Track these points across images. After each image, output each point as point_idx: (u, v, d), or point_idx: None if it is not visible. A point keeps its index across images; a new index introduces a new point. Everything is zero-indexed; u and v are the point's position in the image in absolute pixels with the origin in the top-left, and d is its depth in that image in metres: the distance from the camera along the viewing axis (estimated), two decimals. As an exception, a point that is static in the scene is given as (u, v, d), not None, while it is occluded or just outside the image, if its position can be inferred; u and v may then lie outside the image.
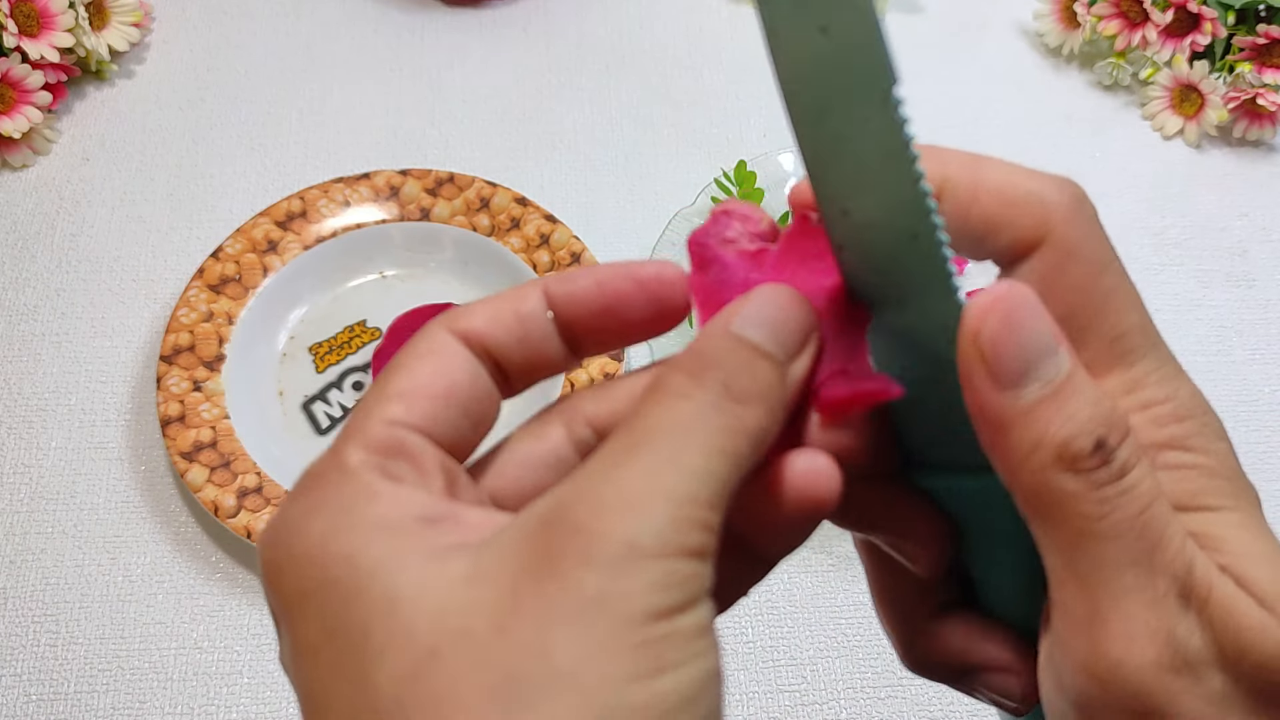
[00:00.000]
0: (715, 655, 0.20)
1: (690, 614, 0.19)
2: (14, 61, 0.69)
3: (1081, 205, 0.24)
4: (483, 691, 0.18)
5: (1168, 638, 0.21)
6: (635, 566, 0.19)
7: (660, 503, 0.19)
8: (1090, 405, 0.21)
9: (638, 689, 0.18)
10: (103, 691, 0.53)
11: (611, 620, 0.19)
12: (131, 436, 0.61)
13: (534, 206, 0.66)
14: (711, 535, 0.20)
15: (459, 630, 0.19)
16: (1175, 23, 0.75)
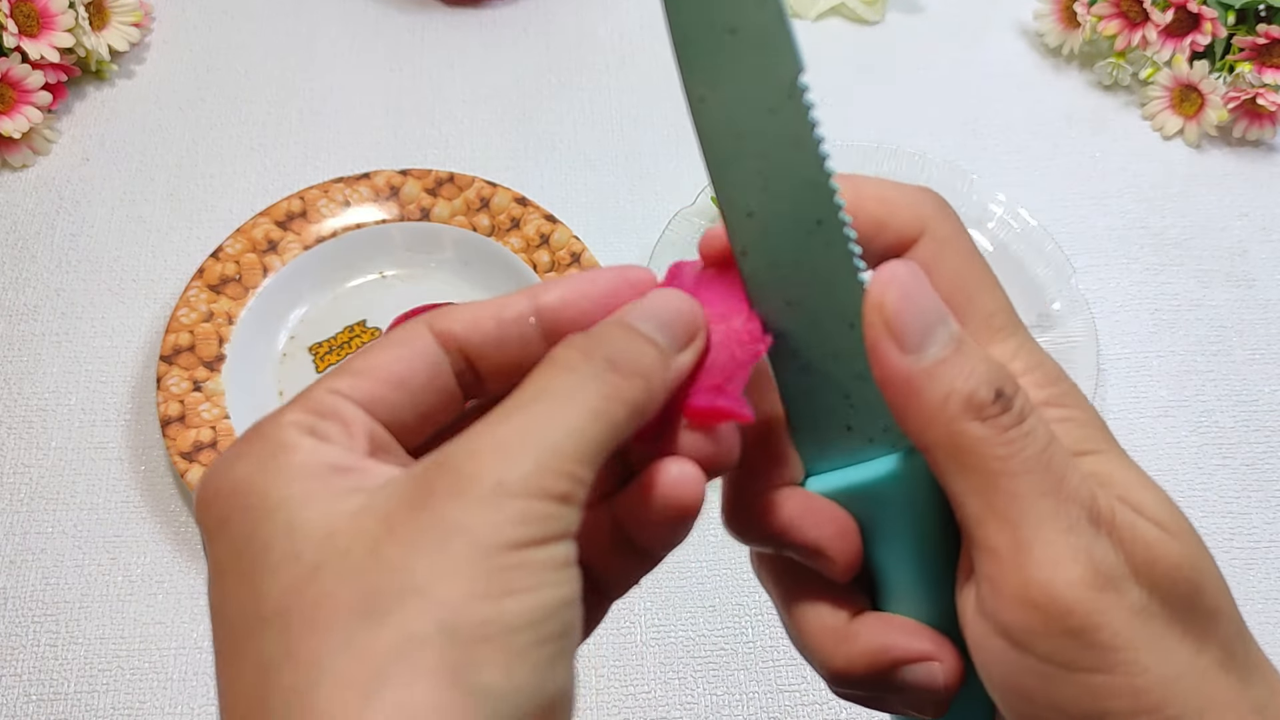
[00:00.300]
0: (567, 588, 0.22)
1: (545, 549, 0.22)
2: (14, 61, 0.69)
3: (945, 206, 0.28)
4: (351, 601, 0.21)
5: (1088, 556, 0.23)
6: (498, 502, 0.21)
7: (530, 450, 0.22)
8: (984, 362, 0.24)
9: (484, 606, 0.21)
10: (103, 691, 0.53)
11: (469, 546, 0.21)
12: (132, 436, 0.61)
13: (534, 206, 0.66)
14: (577, 485, 0.22)
15: (340, 551, 0.22)
16: (1175, 23, 0.75)
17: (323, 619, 0.21)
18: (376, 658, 0.20)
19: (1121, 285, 0.69)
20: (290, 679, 0.21)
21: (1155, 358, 0.66)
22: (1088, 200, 0.73)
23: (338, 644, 0.21)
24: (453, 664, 0.20)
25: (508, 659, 0.21)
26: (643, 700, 0.54)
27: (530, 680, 0.21)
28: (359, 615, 0.21)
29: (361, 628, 0.21)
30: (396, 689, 0.20)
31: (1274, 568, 0.59)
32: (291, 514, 0.22)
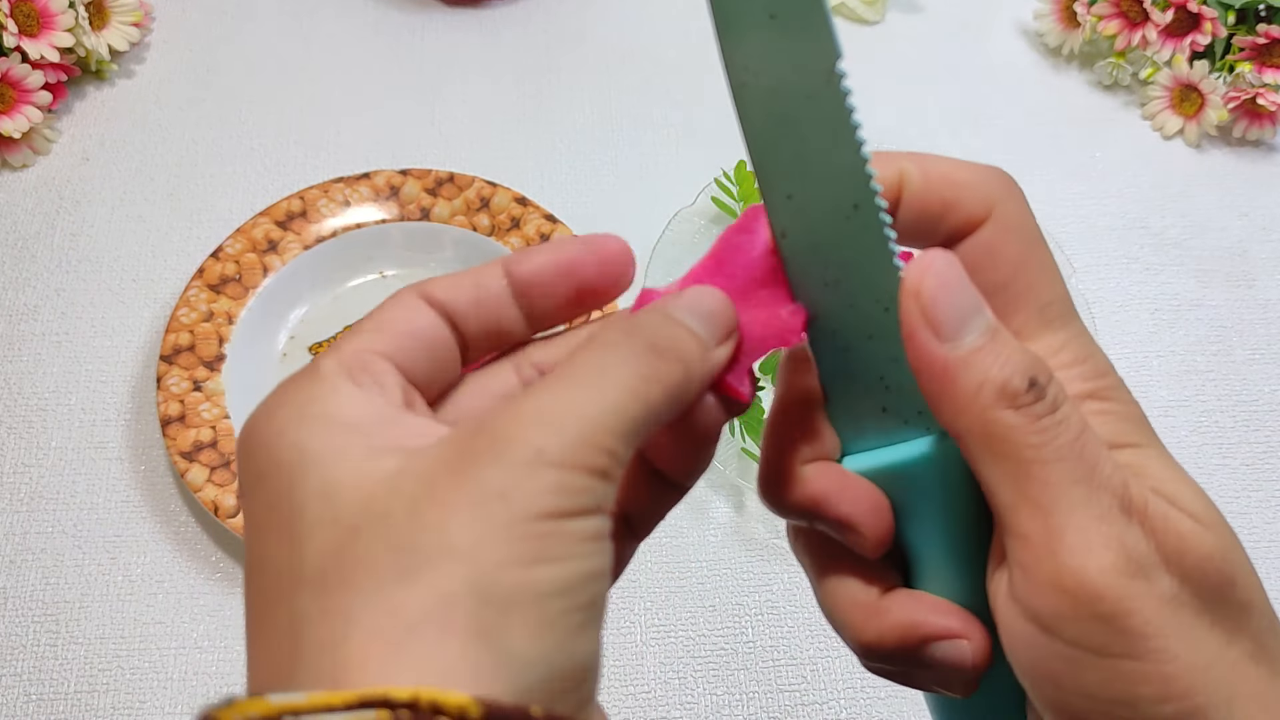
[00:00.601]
0: (598, 560, 0.22)
1: (580, 521, 0.22)
2: (14, 61, 0.69)
3: (1015, 189, 0.27)
4: (388, 561, 0.21)
5: (1120, 544, 0.23)
6: (537, 470, 0.22)
7: (572, 421, 0.22)
8: (1019, 351, 0.24)
9: (516, 571, 0.21)
10: (103, 691, 0.53)
11: (506, 512, 0.21)
12: (132, 436, 0.61)
13: (534, 206, 0.66)
14: (614, 461, 0.23)
15: (379, 514, 0.22)
16: (1175, 22, 0.75)
17: (359, 579, 0.21)
18: (409, 614, 0.21)
19: (1121, 285, 0.69)
20: (322, 633, 0.21)
21: (1155, 358, 0.66)
22: (1088, 200, 0.73)
23: (371, 600, 0.21)
24: (483, 625, 0.21)
25: (538, 625, 0.21)
26: (643, 700, 0.54)
27: (558, 647, 0.21)
28: (395, 573, 0.21)
29: (396, 585, 0.21)
30: (427, 644, 0.20)
31: (1274, 568, 0.59)
32: (326, 473, 0.22)
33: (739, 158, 0.68)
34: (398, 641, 0.20)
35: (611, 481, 0.23)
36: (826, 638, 0.56)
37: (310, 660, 0.21)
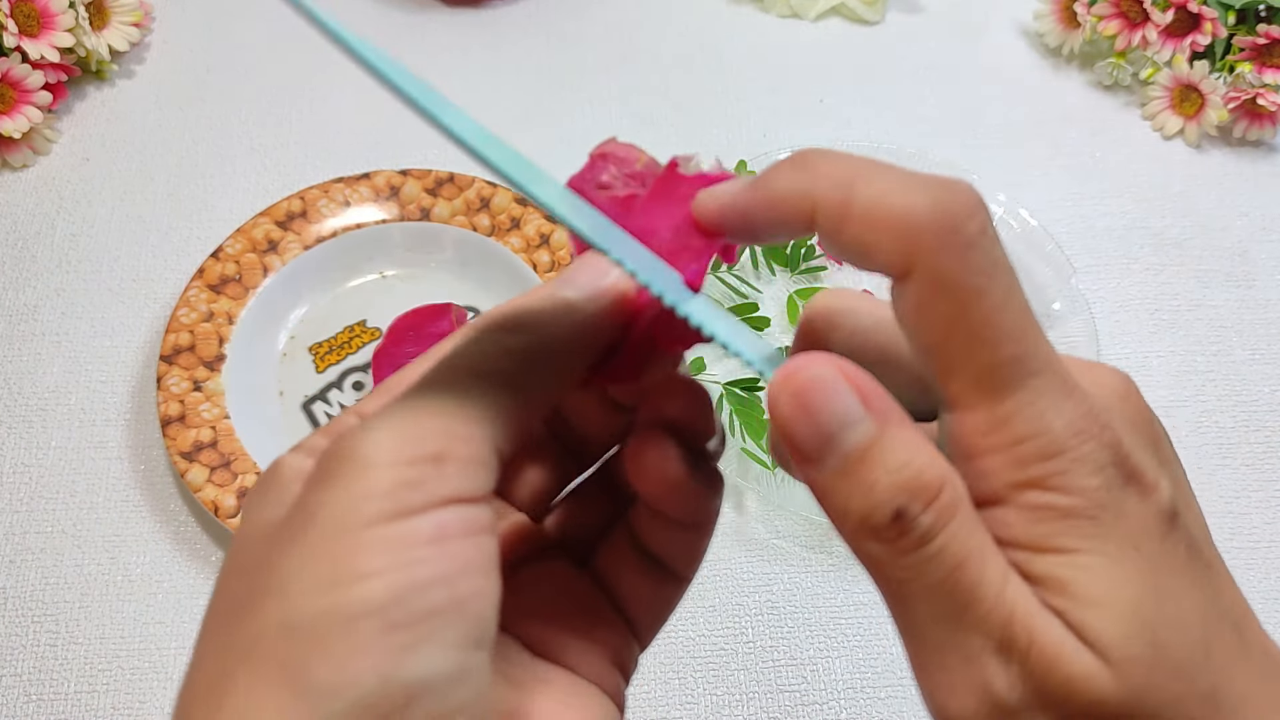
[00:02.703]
0: (434, 566, 0.20)
1: (409, 521, 0.20)
2: (14, 61, 0.69)
3: (956, 227, 0.21)
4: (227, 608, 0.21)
5: (984, 691, 0.21)
6: (351, 480, 0.20)
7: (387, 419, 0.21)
8: (889, 475, 0.21)
9: (320, 597, 0.20)
10: (103, 691, 0.53)
11: (323, 532, 0.20)
12: (132, 436, 0.61)
13: (534, 207, 0.66)
14: (454, 441, 0.21)
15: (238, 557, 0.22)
16: (1175, 23, 0.75)
17: (210, 620, 0.22)
18: (229, 658, 0.20)
19: (1121, 285, 0.69)
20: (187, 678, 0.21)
21: (1155, 358, 0.66)
22: (1088, 200, 0.73)
23: (207, 644, 0.21)
24: (285, 659, 0.20)
25: (345, 651, 0.19)
26: (643, 700, 0.54)
27: (371, 672, 0.19)
28: (227, 618, 0.21)
29: (225, 630, 0.21)
30: (238, 692, 0.20)
31: (1274, 568, 0.59)
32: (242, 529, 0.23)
33: (739, 157, 0.68)
34: (220, 686, 0.20)
35: (455, 463, 0.21)
36: (826, 638, 0.56)
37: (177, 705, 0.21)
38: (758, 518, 0.60)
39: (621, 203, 0.26)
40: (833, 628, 0.56)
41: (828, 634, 0.56)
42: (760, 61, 0.80)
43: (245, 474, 0.57)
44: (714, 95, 0.78)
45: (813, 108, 0.77)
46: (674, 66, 0.79)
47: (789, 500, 0.58)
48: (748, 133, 0.75)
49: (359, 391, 0.63)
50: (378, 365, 0.62)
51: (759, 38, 0.81)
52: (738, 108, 0.77)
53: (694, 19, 0.82)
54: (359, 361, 0.64)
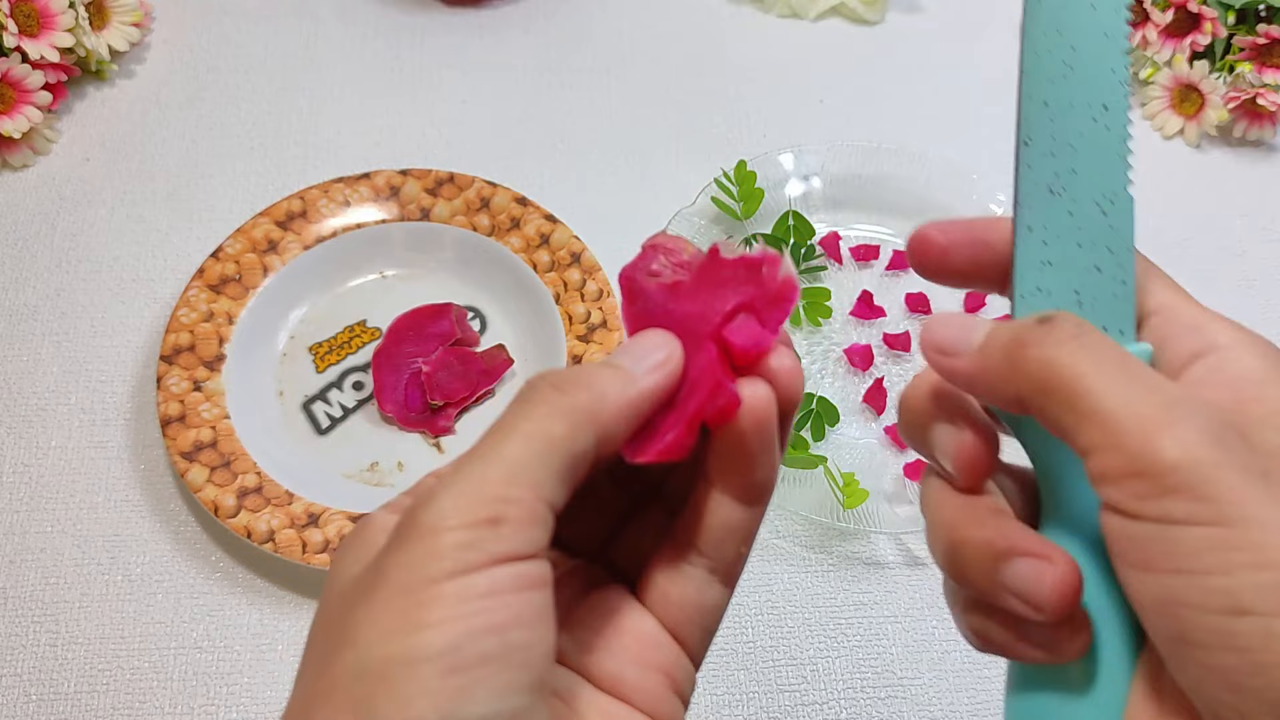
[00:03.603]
0: (488, 617, 0.23)
1: (466, 579, 0.23)
2: (14, 61, 0.69)
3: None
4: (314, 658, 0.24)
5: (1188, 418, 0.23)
6: (414, 544, 0.23)
7: (450, 488, 0.24)
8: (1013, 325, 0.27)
9: (386, 644, 0.22)
10: (102, 691, 0.53)
11: (387, 589, 0.23)
12: (131, 436, 0.61)
13: (534, 206, 0.66)
14: (509, 505, 0.23)
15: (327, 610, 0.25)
16: (1175, 22, 0.75)
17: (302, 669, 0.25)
18: (310, 699, 0.23)
19: (1121, 285, 0.69)
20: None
21: (1155, 358, 0.66)
22: (1088, 200, 0.73)
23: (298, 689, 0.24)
24: (357, 699, 0.22)
25: (408, 692, 0.22)
26: (643, 700, 0.54)
27: (432, 710, 0.22)
28: (313, 667, 0.24)
29: (309, 678, 0.24)
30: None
31: (1274, 568, 0.59)
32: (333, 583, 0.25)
33: (739, 157, 0.68)
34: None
35: (510, 525, 0.23)
36: (826, 638, 0.56)
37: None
38: (758, 518, 0.60)
39: (669, 288, 0.28)
40: (833, 628, 0.56)
41: (828, 634, 0.56)
42: (760, 61, 0.80)
43: (245, 474, 0.57)
44: (714, 95, 0.78)
45: (813, 108, 0.77)
46: (674, 66, 0.79)
47: (789, 500, 0.58)
48: (748, 133, 0.75)
49: (359, 391, 0.63)
50: (378, 365, 0.62)
51: (759, 38, 0.81)
52: (738, 108, 0.77)
53: (694, 19, 0.82)
54: (359, 361, 0.64)
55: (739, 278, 0.27)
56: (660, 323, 0.28)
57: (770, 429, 0.27)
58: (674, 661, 0.29)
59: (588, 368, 0.26)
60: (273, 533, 0.55)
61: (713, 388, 0.26)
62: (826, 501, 0.58)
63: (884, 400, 0.63)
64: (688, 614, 0.29)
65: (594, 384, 0.26)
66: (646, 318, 0.28)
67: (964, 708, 0.54)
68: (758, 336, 0.27)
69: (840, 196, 0.71)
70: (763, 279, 0.27)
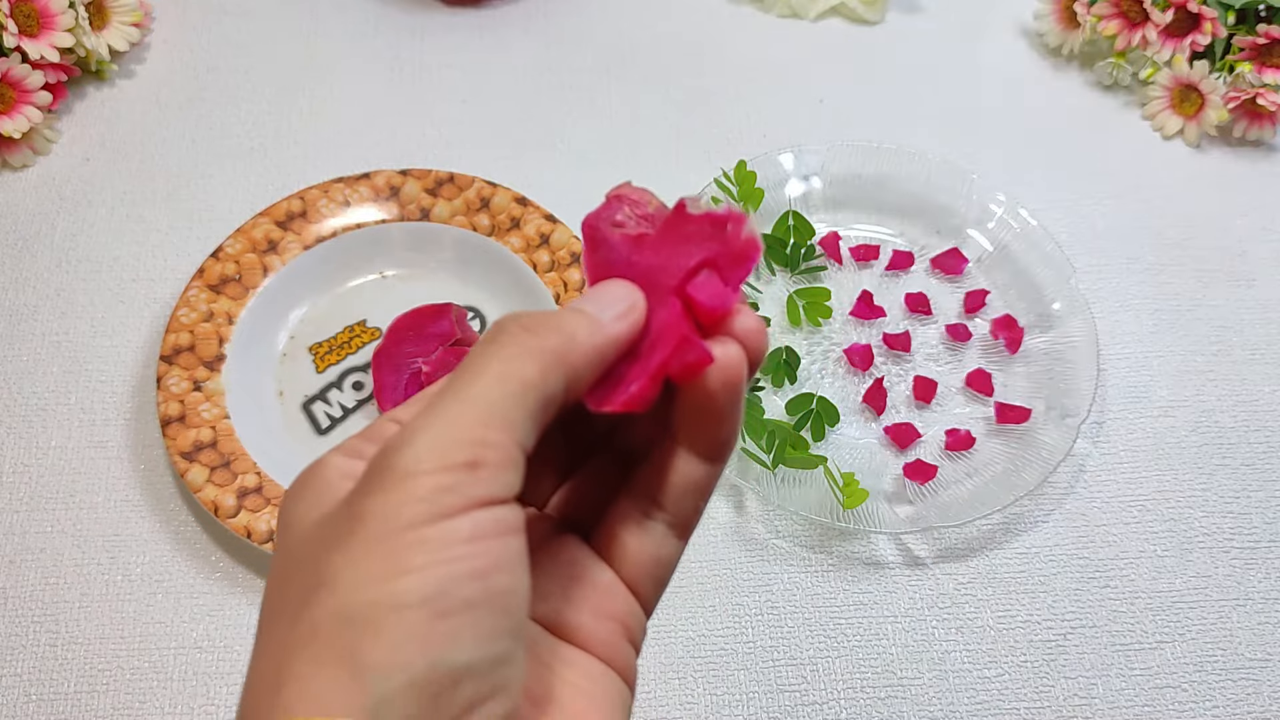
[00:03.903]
0: (473, 562, 0.22)
1: (447, 524, 0.22)
2: (14, 61, 0.69)
3: None
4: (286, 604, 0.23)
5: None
6: (393, 486, 0.23)
7: (425, 428, 0.23)
8: None
9: (371, 589, 0.22)
10: (102, 691, 0.53)
11: (367, 534, 0.22)
12: (131, 436, 0.61)
13: (534, 206, 0.66)
14: (487, 449, 0.23)
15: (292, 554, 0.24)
16: (1175, 23, 0.75)
17: (269, 614, 0.24)
18: (290, 646, 0.22)
19: (1121, 285, 0.69)
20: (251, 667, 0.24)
21: (1155, 358, 0.66)
22: (1088, 200, 0.73)
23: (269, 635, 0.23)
24: (342, 644, 0.22)
25: (396, 636, 0.22)
26: (643, 700, 0.54)
27: (421, 655, 0.22)
28: (286, 613, 0.23)
29: (285, 623, 0.23)
30: (299, 676, 0.22)
31: (1274, 568, 0.59)
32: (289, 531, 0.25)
33: (739, 157, 0.68)
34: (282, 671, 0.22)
35: (488, 468, 0.23)
36: (826, 638, 0.56)
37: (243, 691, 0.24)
38: (757, 518, 0.60)
39: (633, 240, 0.28)
40: (832, 627, 0.56)
41: (827, 634, 0.56)
42: (760, 61, 0.80)
43: (245, 474, 0.57)
44: (714, 95, 0.78)
45: (813, 108, 0.77)
46: (674, 66, 0.79)
47: (789, 500, 0.58)
48: (748, 133, 0.76)
49: (359, 391, 0.63)
50: (378, 365, 0.62)
51: (759, 38, 0.81)
52: (738, 108, 0.77)
53: (694, 19, 0.82)
54: (359, 361, 0.64)
55: (703, 234, 0.27)
56: (623, 273, 0.28)
57: (740, 389, 0.27)
58: (629, 611, 0.29)
59: (556, 312, 0.26)
60: (273, 533, 0.55)
61: (679, 342, 0.27)
62: (826, 501, 0.58)
63: (884, 400, 0.63)
64: (645, 568, 0.29)
65: (563, 327, 0.26)
66: (609, 267, 0.28)
67: (964, 708, 0.54)
68: (722, 295, 0.27)
69: (840, 196, 0.71)
70: (727, 236, 0.27)
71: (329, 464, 0.26)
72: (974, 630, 0.57)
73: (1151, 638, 0.57)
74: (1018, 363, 0.65)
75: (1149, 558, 0.59)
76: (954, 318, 0.67)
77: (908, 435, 0.62)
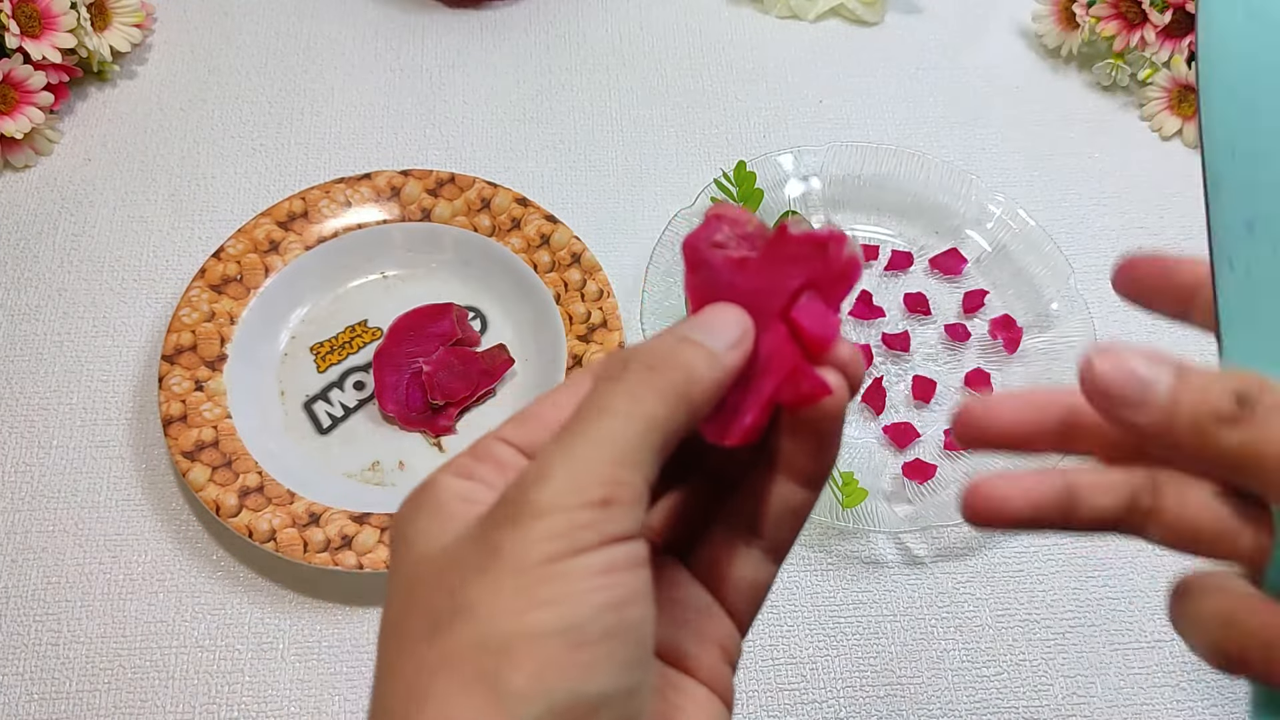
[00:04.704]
0: (606, 594, 0.23)
1: (581, 559, 0.23)
2: (16, 62, 0.69)
3: None
4: (420, 626, 0.24)
5: None
6: (529, 523, 0.24)
7: (559, 465, 0.24)
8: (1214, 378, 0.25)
9: (511, 619, 0.23)
10: (104, 690, 0.54)
11: (505, 566, 0.23)
12: (133, 435, 0.61)
13: (534, 207, 0.66)
14: (617, 488, 0.24)
15: (420, 580, 0.25)
16: (1173, 23, 0.76)
17: (400, 640, 0.25)
18: (427, 668, 0.23)
19: (1120, 285, 0.69)
20: (380, 685, 0.25)
21: (1154, 358, 0.66)
22: (1087, 200, 0.73)
23: (404, 656, 0.24)
24: (482, 670, 0.23)
25: (536, 666, 0.22)
26: (642, 698, 0.54)
27: (560, 683, 0.22)
28: (422, 636, 0.24)
29: (421, 646, 0.24)
30: (439, 696, 0.23)
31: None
32: (411, 550, 0.26)
33: (739, 158, 0.68)
34: (421, 691, 0.23)
35: (620, 506, 0.24)
36: (826, 637, 0.56)
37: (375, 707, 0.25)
38: (757, 517, 0.60)
39: (735, 262, 0.28)
40: (831, 626, 0.57)
41: (826, 632, 0.56)
42: (760, 62, 0.80)
43: (247, 473, 0.57)
44: (714, 95, 0.78)
45: (813, 108, 0.77)
46: (674, 67, 0.79)
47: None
48: (748, 133, 0.76)
49: (360, 391, 0.63)
50: (379, 365, 0.62)
51: (759, 38, 0.81)
52: (738, 108, 0.77)
53: (694, 19, 0.82)
54: (360, 361, 0.64)
55: (803, 254, 0.28)
56: (725, 296, 0.28)
57: (843, 418, 0.28)
58: (728, 634, 0.30)
59: (673, 344, 0.27)
60: (274, 532, 0.55)
61: (792, 372, 0.27)
62: (825, 501, 0.58)
63: (883, 400, 0.63)
64: (744, 592, 0.30)
65: (685, 363, 0.26)
66: (711, 290, 0.28)
67: (963, 707, 0.55)
68: (826, 321, 0.27)
69: (840, 197, 0.71)
70: (828, 257, 0.27)
71: (443, 485, 0.26)
72: (972, 629, 0.57)
73: (1150, 637, 0.57)
74: (1016, 363, 0.65)
75: (1147, 556, 0.59)
76: (953, 318, 0.67)
77: (907, 435, 0.62)
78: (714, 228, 0.29)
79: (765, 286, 0.28)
